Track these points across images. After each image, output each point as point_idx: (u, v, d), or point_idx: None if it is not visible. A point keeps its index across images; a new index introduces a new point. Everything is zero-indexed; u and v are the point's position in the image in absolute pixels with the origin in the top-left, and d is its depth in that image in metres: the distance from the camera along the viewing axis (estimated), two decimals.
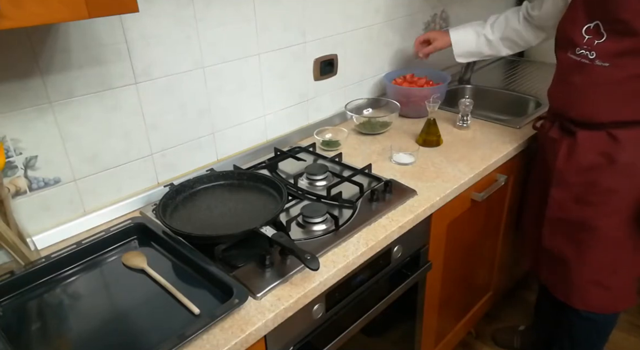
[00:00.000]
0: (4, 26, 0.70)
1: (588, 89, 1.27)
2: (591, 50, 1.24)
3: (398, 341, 1.47)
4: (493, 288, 1.90)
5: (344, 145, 1.57)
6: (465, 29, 1.65)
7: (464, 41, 1.64)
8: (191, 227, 1.11)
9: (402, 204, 1.25)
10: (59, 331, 0.94)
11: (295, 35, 1.50)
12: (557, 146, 1.38)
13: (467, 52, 1.66)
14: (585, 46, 1.25)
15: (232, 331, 0.89)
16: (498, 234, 1.77)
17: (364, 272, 1.17)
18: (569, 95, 1.33)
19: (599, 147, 1.30)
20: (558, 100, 1.39)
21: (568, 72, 1.32)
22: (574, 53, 1.28)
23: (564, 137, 1.37)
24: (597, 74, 1.24)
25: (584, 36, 1.25)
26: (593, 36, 1.24)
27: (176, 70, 1.25)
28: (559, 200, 1.41)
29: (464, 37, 1.64)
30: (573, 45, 1.28)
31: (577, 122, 1.33)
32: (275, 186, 1.22)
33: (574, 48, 1.28)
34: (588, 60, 1.25)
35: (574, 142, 1.34)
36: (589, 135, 1.31)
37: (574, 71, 1.29)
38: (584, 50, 1.25)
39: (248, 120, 1.47)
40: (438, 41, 1.67)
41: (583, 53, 1.26)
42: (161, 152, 1.30)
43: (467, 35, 1.64)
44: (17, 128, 1.05)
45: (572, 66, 1.29)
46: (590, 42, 1.24)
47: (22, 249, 1.03)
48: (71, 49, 1.07)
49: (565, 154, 1.36)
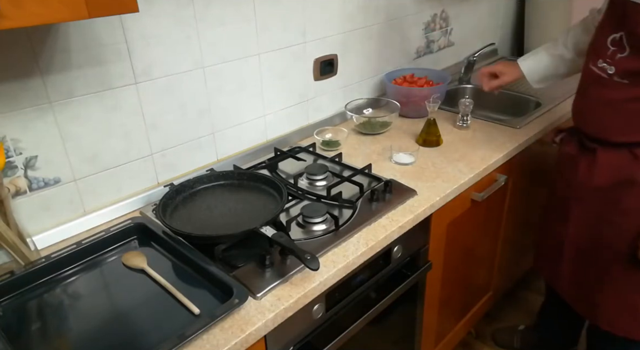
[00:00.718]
0: (4, 26, 0.70)
1: (604, 106, 1.21)
2: (611, 65, 1.16)
3: (398, 341, 1.47)
4: (493, 288, 1.90)
5: (344, 145, 1.57)
6: (535, 55, 1.53)
7: (537, 68, 1.51)
8: (191, 227, 1.11)
9: (402, 204, 1.25)
10: (59, 331, 0.94)
11: (295, 35, 1.50)
12: (576, 163, 1.32)
13: (544, 76, 1.52)
14: (608, 59, 1.17)
15: (232, 331, 0.89)
16: (498, 234, 1.77)
17: (364, 272, 1.17)
18: (586, 111, 1.27)
19: (619, 167, 1.24)
20: (576, 114, 1.33)
21: (587, 85, 1.26)
22: (596, 65, 1.21)
23: (583, 154, 1.31)
24: (615, 91, 1.17)
25: (609, 47, 1.17)
26: (617, 48, 1.15)
27: (176, 70, 1.25)
28: (579, 217, 1.36)
29: (537, 63, 1.51)
30: (597, 56, 1.21)
31: (591, 138, 1.27)
32: (275, 186, 1.22)
33: (597, 59, 1.20)
34: (606, 74, 1.18)
35: (593, 159, 1.28)
36: (609, 153, 1.24)
37: (593, 84, 1.23)
38: (606, 64, 1.18)
39: (248, 120, 1.47)
40: (506, 75, 1.55)
41: (604, 66, 1.18)
42: (161, 152, 1.30)
43: (539, 61, 1.51)
44: (17, 128, 1.05)
45: (591, 78, 1.23)
46: (613, 55, 1.16)
47: (22, 249, 1.03)
48: (71, 49, 1.07)
49: (584, 172, 1.30)
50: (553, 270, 1.51)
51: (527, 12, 2.42)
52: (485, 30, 2.34)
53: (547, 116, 1.72)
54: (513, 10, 2.49)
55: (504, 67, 1.56)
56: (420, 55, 2.03)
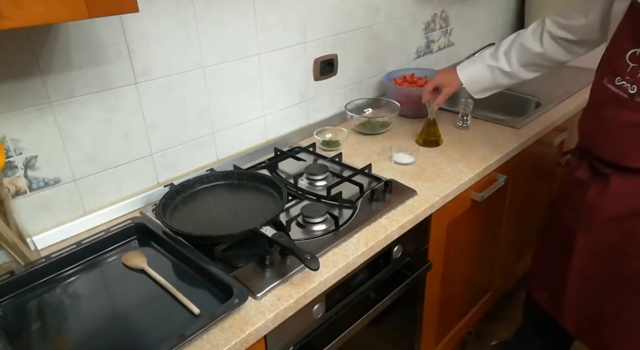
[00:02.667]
0: (4, 26, 0.70)
1: (623, 128, 1.10)
2: (633, 84, 1.06)
3: (398, 341, 1.47)
4: (493, 288, 1.90)
5: (344, 145, 1.57)
6: (474, 65, 1.44)
7: (477, 79, 1.44)
8: (191, 227, 1.11)
9: (402, 204, 1.25)
10: (59, 331, 0.94)
11: (295, 35, 1.50)
12: (585, 188, 1.21)
13: (484, 88, 1.45)
14: (628, 77, 1.06)
15: (232, 331, 0.89)
16: (498, 234, 1.77)
17: (364, 272, 1.17)
18: (600, 132, 1.16)
19: (635, 193, 1.14)
20: (587, 136, 1.22)
21: (601, 104, 1.14)
22: (613, 83, 1.10)
23: (594, 179, 1.20)
24: (636, 113, 1.07)
25: (628, 64, 1.06)
26: (638, 65, 1.05)
27: (176, 70, 1.25)
28: (586, 247, 1.25)
29: (476, 75, 1.44)
30: (613, 73, 1.09)
31: (605, 162, 1.17)
32: (275, 186, 1.22)
33: (614, 77, 1.09)
34: (627, 94, 1.07)
35: (605, 185, 1.17)
36: (624, 179, 1.14)
37: (609, 104, 1.11)
38: (625, 82, 1.07)
39: (248, 120, 1.47)
40: (448, 87, 1.47)
41: (623, 85, 1.07)
42: (161, 152, 1.30)
43: (479, 72, 1.44)
44: (17, 128, 1.05)
45: (607, 98, 1.11)
46: (634, 72, 1.05)
47: (22, 249, 1.03)
48: (71, 49, 1.07)
49: (594, 198, 1.20)
50: (555, 302, 1.39)
51: (527, 13, 2.42)
52: (485, 30, 2.34)
53: (547, 116, 1.72)
54: (513, 10, 2.49)
55: (444, 78, 1.48)
56: (420, 55, 2.03)
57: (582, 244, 1.26)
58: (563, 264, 1.32)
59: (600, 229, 1.21)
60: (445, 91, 1.48)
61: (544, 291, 1.44)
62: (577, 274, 1.30)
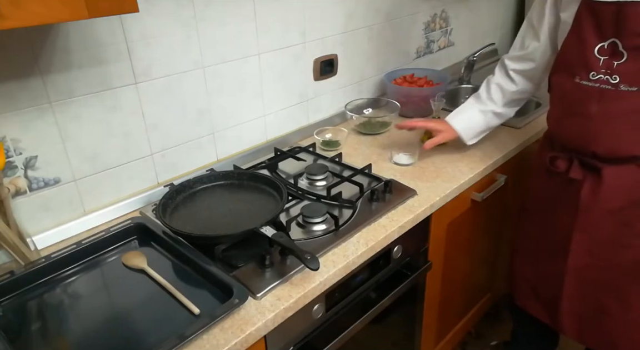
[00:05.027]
0: (4, 26, 0.70)
1: (612, 118, 1.12)
2: (613, 74, 1.08)
3: (398, 341, 1.47)
4: (493, 288, 1.90)
5: (344, 145, 1.57)
6: (465, 113, 1.46)
7: (471, 126, 1.45)
8: (191, 227, 1.11)
9: (402, 204, 1.25)
10: (59, 331, 0.94)
11: (295, 35, 1.50)
12: (578, 188, 1.22)
13: (478, 132, 1.46)
14: (604, 70, 1.09)
15: (232, 331, 0.89)
16: (498, 234, 1.77)
17: (364, 272, 1.17)
18: (587, 129, 1.16)
19: (630, 186, 1.16)
20: (572, 135, 1.21)
21: (580, 102, 1.15)
22: (587, 79, 1.12)
23: (587, 176, 1.21)
24: (624, 101, 1.08)
25: (598, 57, 1.09)
26: (610, 57, 1.08)
27: (176, 70, 1.25)
28: (582, 245, 1.26)
29: (469, 122, 1.45)
30: (586, 70, 1.12)
31: (601, 157, 1.17)
32: (275, 186, 1.22)
33: (587, 73, 1.11)
34: (611, 85, 1.09)
35: (598, 180, 1.19)
36: (617, 170, 1.16)
37: (590, 100, 1.13)
38: (602, 75, 1.09)
39: (248, 120, 1.47)
40: (446, 133, 1.44)
41: (602, 78, 1.09)
42: (161, 152, 1.30)
43: (472, 118, 1.45)
44: (17, 128, 1.05)
45: (585, 94, 1.13)
46: (609, 64, 1.08)
47: (22, 249, 1.03)
48: (71, 49, 1.07)
49: (588, 196, 1.21)
50: (549, 309, 1.40)
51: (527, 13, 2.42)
52: (485, 30, 2.34)
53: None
54: (513, 10, 2.49)
55: (440, 125, 1.46)
56: (420, 55, 2.03)
57: (579, 243, 1.26)
58: (556, 269, 1.33)
59: (597, 224, 1.23)
60: (445, 135, 1.44)
61: (536, 301, 1.44)
62: (574, 275, 1.30)
